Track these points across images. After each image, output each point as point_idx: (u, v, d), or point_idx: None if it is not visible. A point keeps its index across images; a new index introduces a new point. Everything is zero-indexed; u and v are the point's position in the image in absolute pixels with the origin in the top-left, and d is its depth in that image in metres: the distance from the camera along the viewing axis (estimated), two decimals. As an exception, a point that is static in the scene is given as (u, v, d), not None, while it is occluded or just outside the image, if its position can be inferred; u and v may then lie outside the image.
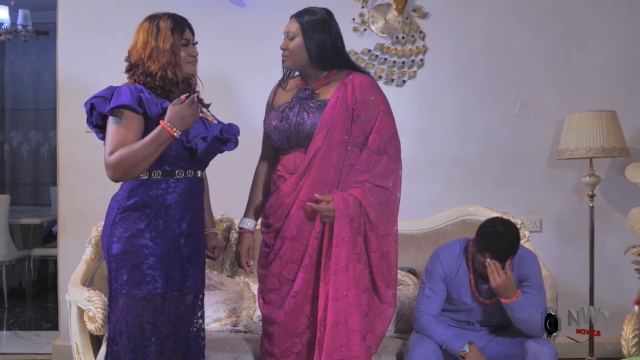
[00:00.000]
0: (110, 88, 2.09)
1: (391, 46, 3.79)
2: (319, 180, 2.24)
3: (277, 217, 2.28)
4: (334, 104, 2.25)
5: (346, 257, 2.18)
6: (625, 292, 3.62)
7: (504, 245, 2.45)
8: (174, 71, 2.12)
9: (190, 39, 2.18)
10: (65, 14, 3.81)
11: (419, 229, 3.41)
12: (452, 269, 2.61)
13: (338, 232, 2.18)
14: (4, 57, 7.56)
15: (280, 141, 2.30)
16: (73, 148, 3.79)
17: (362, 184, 2.23)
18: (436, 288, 2.60)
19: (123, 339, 2.09)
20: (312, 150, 2.24)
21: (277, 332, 2.27)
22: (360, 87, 2.27)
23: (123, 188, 2.15)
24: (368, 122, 2.26)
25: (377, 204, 2.23)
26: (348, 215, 2.18)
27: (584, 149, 3.43)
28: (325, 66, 2.30)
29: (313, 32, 2.25)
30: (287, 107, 2.29)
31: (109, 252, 2.11)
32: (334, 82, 2.31)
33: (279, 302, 2.27)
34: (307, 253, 2.25)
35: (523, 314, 2.45)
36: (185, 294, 2.16)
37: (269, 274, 2.29)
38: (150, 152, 2.02)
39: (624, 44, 3.80)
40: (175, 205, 2.12)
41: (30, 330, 4.53)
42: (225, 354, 2.58)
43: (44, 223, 5.85)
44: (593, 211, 3.60)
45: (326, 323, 2.15)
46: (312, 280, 2.24)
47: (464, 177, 3.79)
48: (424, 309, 2.58)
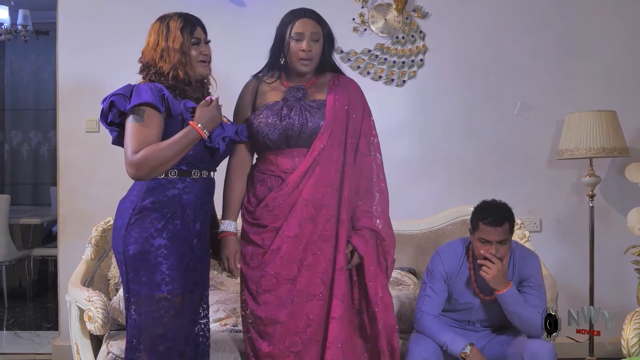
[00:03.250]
0: (128, 86, 2.08)
1: (391, 46, 3.79)
2: (322, 179, 2.26)
3: (274, 216, 2.26)
4: (333, 105, 2.29)
5: (374, 274, 2.32)
6: (625, 292, 3.63)
7: (499, 208, 2.50)
8: (185, 71, 2.11)
9: (202, 38, 2.17)
10: (65, 14, 3.81)
11: (419, 229, 3.41)
12: (453, 267, 2.61)
13: (368, 267, 2.30)
14: (4, 57, 7.56)
15: (278, 140, 2.27)
16: (73, 148, 3.78)
17: (370, 212, 2.32)
18: (437, 288, 2.60)
19: (144, 341, 2.05)
20: (317, 149, 2.25)
21: (279, 332, 2.25)
22: (352, 89, 2.36)
23: (136, 188, 2.11)
24: (357, 123, 2.33)
25: (385, 217, 2.34)
26: (371, 252, 2.30)
27: (584, 149, 3.43)
28: (324, 70, 2.37)
29: (329, 39, 2.33)
30: (284, 106, 2.28)
31: (125, 254, 2.06)
32: (322, 83, 2.35)
33: (277, 302, 2.25)
34: (309, 251, 2.25)
35: (515, 307, 2.46)
36: (195, 294, 2.16)
37: (266, 275, 2.26)
38: (177, 152, 2.04)
39: (624, 44, 3.80)
40: (191, 205, 2.11)
41: (30, 330, 4.52)
42: (225, 354, 2.58)
43: (44, 223, 5.84)
44: (593, 211, 3.60)
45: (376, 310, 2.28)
46: (313, 278, 2.25)
47: (463, 177, 3.79)
48: (425, 309, 2.58)
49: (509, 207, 2.55)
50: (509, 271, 2.56)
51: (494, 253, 2.46)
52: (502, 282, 2.46)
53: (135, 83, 2.12)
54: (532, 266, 2.59)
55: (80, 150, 3.75)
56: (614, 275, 3.74)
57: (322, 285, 2.25)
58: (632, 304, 3.26)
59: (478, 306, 2.61)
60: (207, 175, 2.18)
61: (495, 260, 2.45)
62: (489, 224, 2.47)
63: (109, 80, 2.21)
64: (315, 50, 2.27)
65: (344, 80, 2.38)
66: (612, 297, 3.68)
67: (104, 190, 3.63)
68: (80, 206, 3.76)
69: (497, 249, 2.47)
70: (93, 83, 3.63)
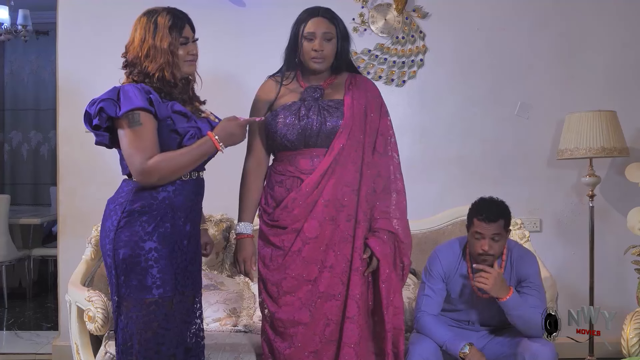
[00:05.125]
0: (114, 89, 2.02)
1: (391, 46, 3.79)
2: (341, 179, 2.25)
3: (294, 217, 2.24)
4: (351, 104, 2.29)
5: (388, 277, 2.31)
6: (625, 292, 3.63)
7: (494, 204, 2.52)
8: (171, 72, 2.05)
9: (190, 37, 2.10)
10: (65, 14, 3.81)
11: (419, 229, 3.41)
12: (451, 267, 2.61)
13: (383, 270, 2.29)
14: (4, 57, 7.55)
15: (296, 140, 2.26)
16: (73, 148, 3.79)
17: (386, 212, 2.31)
18: (436, 287, 2.61)
19: (135, 346, 2.04)
20: (337, 148, 2.24)
21: (301, 333, 2.23)
22: (369, 89, 2.36)
23: (125, 190, 2.08)
24: (374, 122, 2.32)
25: (402, 217, 2.34)
26: (387, 254, 2.29)
27: (584, 149, 3.43)
28: (340, 70, 2.36)
29: (344, 38, 2.32)
30: (302, 106, 2.27)
31: (114, 257, 2.03)
32: (338, 82, 2.35)
33: (298, 303, 2.24)
34: (331, 253, 2.24)
35: (519, 310, 2.46)
36: (187, 295, 2.14)
37: (287, 277, 2.24)
38: (191, 161, 2.04)
39: (623, 44, 3.80)
40: (182, 208, 2.08)
41: (30, 330, 4.52)
42: (225, 354, 2.58)
43: (44, 223, 5.84)
44: (593, 211, 3.60)
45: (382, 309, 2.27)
46: (334, 278, 2.24)
47: (464, 177, 3.79)
48: (425, 309, 2.59)
49: (505, 204, 2.55)
50: (507, 271, 2.56)
51: (486, 249, 2.46)
52: (502, 289, 2.45)
53: (120, 84, 2.06)
54: (529, 265, 2.59)
55: (80, 150, 3.75)
56: (614, 275, 3.75)
57: (341, 285, 2.25)
58: (632, 304, 3.26)
59: (477, 305, 2.61)
60: (196, 175, 2.14)
61: (490, 269, 2.45)
62: (483, 220, 2.48)
63: (109, 80, 2.18)
64: (328, 49, 2.26)
65: (360, 79, 2.38)
66: (612, 297, 3.68)
67: (104, 190, 3.58)
68: (80, 206, 3.75)
69: (490, 245, 2.47)
70: (93, 83, 3.63)
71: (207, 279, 3.10)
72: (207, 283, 3.06)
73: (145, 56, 2.04)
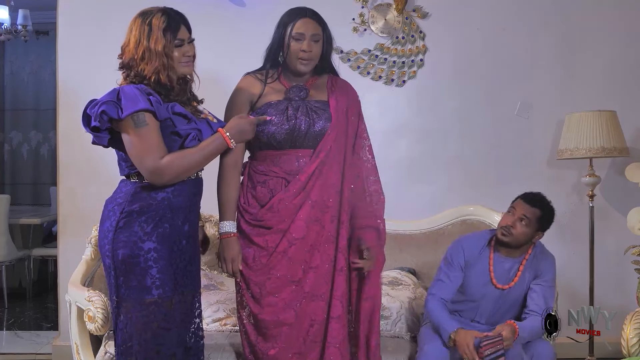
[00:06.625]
0: (113, 91, 2.00)
1: (391, 46, 3.79)
2: (328, 180, 2.26)
3: (280, 217, 2.24)
4: (336, 106, 2.29)
5: (374, 273, 2.37)
6: (625, 292, 3.63)
7: (537, 196, 2.63)
8: (167, 74, 2.03)
9: (185, 38, 2.06)
10: (65, 14, 3.81)
11: (419, 229, 3.41)
12: (474, 255, 2.65)
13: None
14: (4, 57, 7.55)
15: (283, 140, 2.24)
16: (73, 148, 3.78)
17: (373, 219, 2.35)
18: (452, 275, 2.64)
19: (135, 346, 2.03)
20: (324, 150, 2.25)
21: (285, 334, 2.23)
22: (350, 92, 2.37)
23: (123, 190, 2.08)
24: (354, 125, 2.34)
25: (382, 217, 2.37)
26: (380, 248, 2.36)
27: (584, 149, 3.43)
28: (323, 71, 2.37)
29: (329, 40, 2.31)
30: (289, 106, 2.25)
31: (113, 258, 2.02)
32: (320, 83, 2.35)
33: (282, 304, 2.24)
34: (317, 253, 2.24)
35: (528, 334, 2.48)
36: (186, 295, 2.14)
37: (272, 277, 2.24)
38: (203, 158, 2.06)
39: (624, 44, 3.80)
40: (180, 207, 2.08)
41: (30, 330, 4.53)
42: (225, 354, 2.58)
43: (44, 223, 5.84)
44: (593, 211, 3.60)
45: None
46: (318, 279, 2.25)
47: (464, 177, 3.79)
48: (435, 292, 2.63)
49: (550, 206, 2.68)
50: (529, 262, 2.62)
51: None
52: (511, 335, 2.41)
53: (118, 86, 2.04)
54: (549, 264, 2.65)
55: (80, 150, 3.74)
56: (614, 275, 3.74)
57: (325, 286, 2.25)
58: (632, 304, 3.25)
59: (488, 298, 2.62)
60: (195, 175, 2.14)
61: (497, 336, 2.41)
62: (522, 200, 2.62)
63: (109, 80, 2.18)
64: (315, 50, 2.25)
65: (341, 82, 2.39)
66: (612, 297, 3.68)
67: (104, 190, 3.58)
68: (80, 206, 3.75)
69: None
70: (93, 83, 3.62)
71: (207, 279, 3.10)
72: (207, 283, 3.06)
73: (141, 59, 2.02)
